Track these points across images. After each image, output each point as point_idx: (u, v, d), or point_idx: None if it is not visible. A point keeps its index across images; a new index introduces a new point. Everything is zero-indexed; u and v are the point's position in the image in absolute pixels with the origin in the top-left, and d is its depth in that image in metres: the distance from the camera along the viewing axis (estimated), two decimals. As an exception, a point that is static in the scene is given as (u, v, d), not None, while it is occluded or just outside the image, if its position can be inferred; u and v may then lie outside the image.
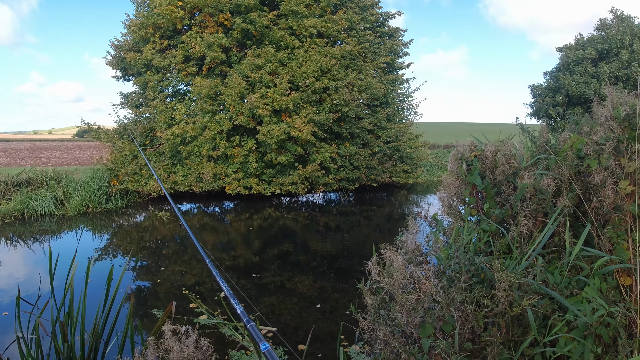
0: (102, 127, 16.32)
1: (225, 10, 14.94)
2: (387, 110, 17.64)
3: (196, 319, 5.32)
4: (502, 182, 3.49)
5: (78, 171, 15.24)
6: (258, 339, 0.73)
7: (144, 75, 15.95)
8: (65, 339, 3.26)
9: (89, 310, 3.47)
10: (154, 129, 15.68)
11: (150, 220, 11.88)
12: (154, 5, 15.19)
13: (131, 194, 14.45)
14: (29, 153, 29.89)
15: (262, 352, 0.54)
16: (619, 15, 26.61)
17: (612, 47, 25.34)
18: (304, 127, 13.89)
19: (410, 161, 18.36)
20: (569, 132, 3.61)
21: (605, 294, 2.68)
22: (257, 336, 0.71)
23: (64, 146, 41.47)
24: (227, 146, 14.36)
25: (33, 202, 12.09)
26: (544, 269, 2.71)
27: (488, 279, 2.59)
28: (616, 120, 3.05)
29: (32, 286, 6.38)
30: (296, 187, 14.71)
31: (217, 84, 14.62)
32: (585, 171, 3.17)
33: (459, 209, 3.88)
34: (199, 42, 14.76)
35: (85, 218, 12.05)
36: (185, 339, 3.04)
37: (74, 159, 24.75)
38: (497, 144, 3.79)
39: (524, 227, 2.99)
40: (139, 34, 15.76)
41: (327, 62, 15.02)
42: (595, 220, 3.02)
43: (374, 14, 18.32)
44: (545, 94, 27.65)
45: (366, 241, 9.96)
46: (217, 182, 14.45)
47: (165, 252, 8.90)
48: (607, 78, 24.66)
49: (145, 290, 6.69)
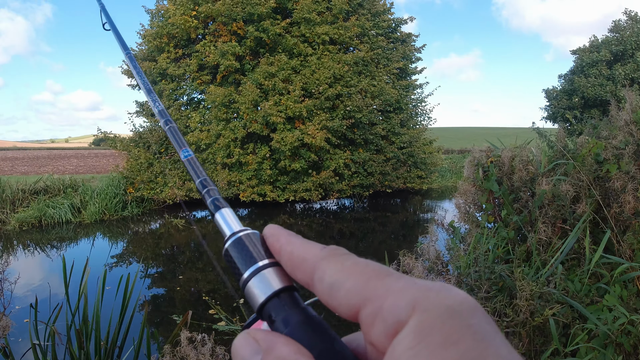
0: (118, 136, 16.51)
1: (239, 19, 15.06)
2: (401, 115, 17.57)
3: (215, 325, 5.33)
4: (519, 189, 3.45)
5: (95, 179, 15.42)
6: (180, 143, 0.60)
7: (159, 84, 16.12)
8: (81, 346, 3.28)
9: (105, 317, 3.49)
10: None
11: (166, 228, 11.97)
12: (168, 15, 15.38)
13: (147, 201, 14.57)
14: (46, 161, 30.32)
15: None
16: (633, 17, 26.29)
17: (627, 48, 25.02)
18: (317, 133, 13.91)
19: (424, 167, 18.25)
20: (586, 137, 3.56)
21: (626, 302, 2.63)
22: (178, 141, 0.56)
23: (80, 154, 42.01)
24: (241, 153, 14.43)
25: (50, 209, 12.25)
26: (563, 276, 2.67)
27: (508, 287, 2.55)
28: (636, 124, 3.00)
29: (48, 293, 6.45)
30: (310, 194, 14.71)
31: (231, 92, 14.71)
32: (604, 176, 3.11)
33: (475, 216, 3.84)
34: (213, 51, 14.89)
35: (101, 225, 12.18)
36: (201, 347, 3.05)
37: (90, 167, 25.05)
38: (514, 150, 3.74)
39: (543, 234, 2.95)
40: (153, 43, 15.96)
41: (339, 68, 15.04)
42: (615, 227, 2.97)
43: (386, 20, 18.31)
44: (560, 97, 27.36)
45: (381, 248, 9.90)
46: (231, 189, 14.51)
47: (180, 259, 8.95)
48: (623, 80, 24.34)
49: (162, 297, 6.73)
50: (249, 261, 0.39)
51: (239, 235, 0.41)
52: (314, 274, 0.34)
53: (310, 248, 0.36)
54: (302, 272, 0.36)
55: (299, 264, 0.36)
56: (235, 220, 0.44)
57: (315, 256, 0.35)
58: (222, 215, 0.45)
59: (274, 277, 0.37)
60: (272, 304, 0.36)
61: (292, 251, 0.37)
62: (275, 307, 0.36)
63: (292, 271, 0.37)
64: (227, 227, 0.43)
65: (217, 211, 0.46)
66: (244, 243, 0.40)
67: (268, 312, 0.36)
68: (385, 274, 0.30)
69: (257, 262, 0.38)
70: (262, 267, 0.38)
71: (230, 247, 0.40)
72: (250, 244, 0.40)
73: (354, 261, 0.33)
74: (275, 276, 0.37)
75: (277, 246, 0.38)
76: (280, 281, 0.37)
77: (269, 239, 0.39)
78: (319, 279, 0.34)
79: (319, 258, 0.34)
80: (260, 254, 0.39)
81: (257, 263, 0.38)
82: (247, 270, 0.38)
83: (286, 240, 0.38)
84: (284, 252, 0.38)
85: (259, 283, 0.37)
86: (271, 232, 0.40)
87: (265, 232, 0.41)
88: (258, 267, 0.38)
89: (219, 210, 0.46)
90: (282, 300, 0.36)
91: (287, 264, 0.37)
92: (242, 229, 0.42)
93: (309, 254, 0.36)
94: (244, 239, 0.40)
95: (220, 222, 0.45)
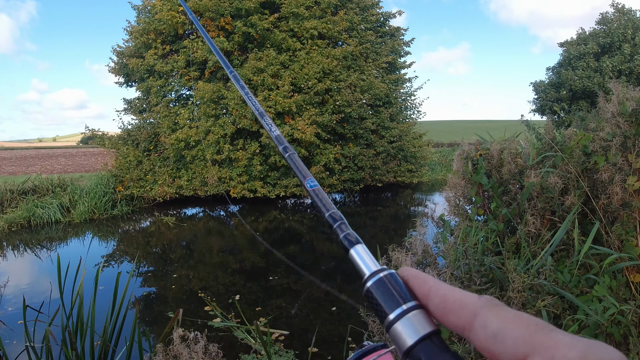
0: (106, 134, 16.37)
1: (226, 14, 14.96)
2: (390, 110, 17.62)
3: (210, 322, 5.33)
4: (508, 181, 3.47)
5: (83, 178, 15.29)
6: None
7: (146, 81, 16.00)
8: (73, 347, 3.26)
9: (98, 317, 3.47)
10: (157, 134, 15.72)
11: (156, 226, 11.91)
12: (155, 11, 15.24)
13: (136, 199, 14.48)
14: (34, 161, 30.01)
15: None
16: (620, 9, 26.48)
17: (615, 40, 25.22)
18: (307, 129, 13.89)
19: (414, 160, 18.33)
20: (574, 129, 3.59)
21: (616, 292, 2.66)
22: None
23: (68, 153, 41.63)
24: (231, 150, 14.37)
25: (39, 209, 12.12)
26: (553, 267, 2.69)
27: (498, 279, 2.57)
28: (623, 116, 3.03)
29: (40, 294, 6.40)
30: (301, 189, 14.70)
31: (219, 88, 14.64)
32: (592, 168, 3.14)
33: (465, 209, 3.86)
34: (201, 47, 14.79)
35: (91, 225, 12.09)
36: (194, 344, 3.04)
37: (79, 166, 24.82)
38: (503, 142, 3.77)
39: (532, 226, 2.98)
40: (140, 40, 15.81)
41: (328, 63, 15.01)
42: (604, 218, 3.00)
43: (374, 14, 18.31)
44: (548, 90, 27.56)
45: (372, 242, 9.94)
46: (221, 186, 14.46)
47: (172, 257, 8.92)
48: (610, 72, 24.55)
49: (155, 296, 6.70)
50: (394, 303, 0.40)
51: (380, 276, 0.43)
52: (473, 320, 0.36)
53: (466, 294, 0.38)
54: (458, 317, 0.37)
55: (456, 309, 0.37)
56: (370, 257, 0.47)
57: (474, 303, 0.37)
58: (357, 252, 0.48)
59: (422, 320, 0.39)
60: (423, 347, 0.37)
61: (445, 295, 0.39)
62: (426, 350, 0.37)
63: (442, 314, 0.38)
64: (364, 265, 0.46)
65: (352, 247, 0.48)
66: (386, 284, 0.42)
67: (417, 354, 0.37)
68: (550, 328, 0.33)
69: (401, 304, 0.40)
70: (408, 309, 0.39)
71: (373, 288, 0.42)
72: (392, 284, 0.42)
73: (514, 313, 0.35)
74: (422, 319, 0.39)
75: (424, 289, 0.40)
76: (429, 325, 0.39)
77: (413, 280, 0.42)
78: (482, 325, 0.35)
79: (479, 306, 0.36)
80: (404, 296, 0.41)
81: (402, 305, 0.40)
82: (393, 312, 0.40)
83: (435, 284, 0.40)
84: (434, 295, 0.39)
85: (406, 325, 0.39)
86: (413, 274, 0.42)
87: (404, 273, 0.43)
88: (404, 309, 0.39)
89: (354, 247, 0.48)
90: (434, 343, 0.37)
91: (437, 307, 0.39)
92: (381, 269, 0.44)
93: (467, 300, 0.37)
94: (385, 280, 0.42)
95: (356, 259, 0.47)
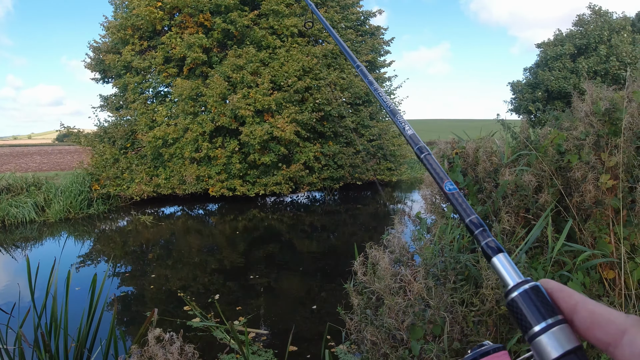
0: (82, 131, 16.05)
1: (205, 11, 14.81)
2: (370, 108, 17.67)
3: (189, 321, 5.27)
4: (483, 179, 3.51)
5: (58, 176, 14.98)
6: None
7: (123, 77, 15.73)
8: (47, 349, 3.19)
9: (74, 318, 3.40)
10: (135, 132, 15.47)
11: (134, 225, 11.73)
12: (132, 6, 14.99)
13: (113, 198, 14.25)
14: (8, 159, 29.28)
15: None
16: (597, 11, 27.00)
17: (591, 42, 25.71)
18: (286, 127, 13.85)
19: (393, 159, 18.42)
20: (549, 128, 3.64)
21: (589, 288, 2.71)
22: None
23: (44, 151, 40.75)
24: (210, 148, 14.24)
25: (13, 209, 11.85)
26: (527, 264, 2.73)
27: (473, 276, 2.60)
28: (596, 115, 3.08)
29: (14, 296, 6.25)
30: (280, 188, 14.65)
31: (198, 85, 14.49)
32: (566, 166, 3.19)
33: (441, 207, 3.89)
34: (179, 43, 14.61)
35: (67, 224, 11.86)
36: (169, 345, 3.00)
37: (54, 164, 24.31)
38: (478, 141, 3.81)
39: (507, 223, 3.01)
40: (117, 35, 15.54)
41: (308, 61, 14.99)
42: (577, 215, 3.06)
43: (354, 13, 18.33)
44: (525, 90, 27.96)
45: (352, 240, 9.96)
46: (200, 184, 14.32)
47: (150, 257, 8.80)
48: (586, 73, 25.01)
49: (133, 296, 6.60)
50: (539, 315, 0.41)
51: (526, 287, 0.43)
52: (621, 338, 0.37)
53: (613, 311, 0.39)
54: (605, 332, 0.38)
55: (603, 325, 0.38)
56: (514, 267, 0.47)
57: (623, 321, 0.38)
58: (500, 261, 0.48)
59: (567, 335, 0.40)
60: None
61: (593, 311, 0.40)
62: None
63: (588, 329, 0.39)
64: (508, 276, 0.46)
65: (495, 256, 0.49)
66: (532, 296, 0.43)
67: None
68: None
69: (547, 317, 0.41)
70: (554, 323, 0.40)
71: (518, 299, 0.43)
72: (538, 297, 0.42)
73: None
74: (568, 334, 0.40)
75: (571, 303, 0.41)
76: (574, 339, 0.40)
77: (557, 293, 0.42)
78: (630, 342, 0.36)
79: (629, 324, 0.37)
80: (549, 309, 0.41)
81: (547, 319, 0.41)
82: (539, 325, 0.41)
83: (582, 299, 0.41)
84: (581, 309, 0.40)
85: (551, 339, 0.40)
86: (558, 288, 0.43)
87: (547, 285, 0.44)
88: (550, 323, 0.40)
89: (497, 255, 0.49)
90: (578, 358, 0.38)
91: (584, 322, 0.40)
92: (525, 280, 0.45)
93: (616, 317, 0.38)
94: (531, 292, 0.43)
95: (500, 269, 0.47)
